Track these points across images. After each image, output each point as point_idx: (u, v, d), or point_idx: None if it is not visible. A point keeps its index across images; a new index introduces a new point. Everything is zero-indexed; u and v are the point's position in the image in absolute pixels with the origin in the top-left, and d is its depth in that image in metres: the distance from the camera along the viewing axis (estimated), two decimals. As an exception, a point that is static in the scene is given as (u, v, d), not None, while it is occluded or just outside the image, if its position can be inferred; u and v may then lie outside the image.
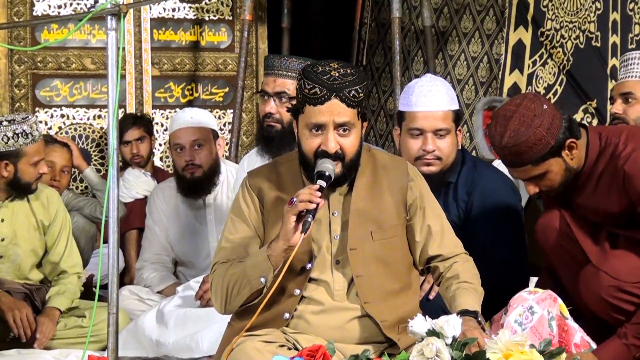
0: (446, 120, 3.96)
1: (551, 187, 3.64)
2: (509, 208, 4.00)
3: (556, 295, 3.47)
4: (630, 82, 4.66)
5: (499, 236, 3.94)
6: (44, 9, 7.08)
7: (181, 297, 4.70)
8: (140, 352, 4.59)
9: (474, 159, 4.13)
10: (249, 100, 7.42)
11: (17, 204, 4.83)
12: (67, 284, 4.84)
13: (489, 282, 3.85)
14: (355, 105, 3.24)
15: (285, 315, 3.30)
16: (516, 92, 6.64)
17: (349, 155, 3.25)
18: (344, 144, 3.24)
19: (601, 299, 3.58)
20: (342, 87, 3.20)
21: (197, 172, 5.30)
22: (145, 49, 7.24)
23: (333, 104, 3.20)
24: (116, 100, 3.61)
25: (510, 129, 3.52)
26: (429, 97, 3.96)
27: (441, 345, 2.95)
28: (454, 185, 4.03)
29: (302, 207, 3.11)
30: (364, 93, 3.25)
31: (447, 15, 7.43)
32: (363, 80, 3.25)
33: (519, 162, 3.56)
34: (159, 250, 5.46)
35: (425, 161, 3.96)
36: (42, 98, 7.10)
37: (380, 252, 3.32)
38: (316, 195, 3.12)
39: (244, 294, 3.25)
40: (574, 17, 6.35)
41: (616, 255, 3.62)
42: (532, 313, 3.38)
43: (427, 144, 3.95)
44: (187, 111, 5.39)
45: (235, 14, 7.40)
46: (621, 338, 3.51)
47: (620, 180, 3.57)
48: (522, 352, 2.98)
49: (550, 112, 3.53)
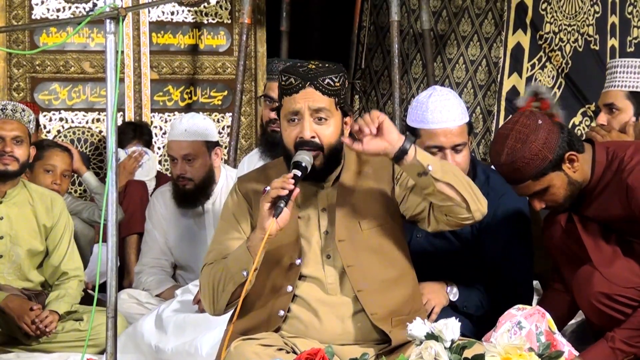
0: (462, 134, 3.90)
1: (556, 201, 3.65)
2: (520, 226, 3.95)
3: (544, 310, 3.48)
4: (612, 92, 4.63)
5: (509, 254, 3.91)
6: (43, 13, 7.09)
7: (179, 301, 4.69)
8: (138, 356, 4.58)
9: (485, 171, 4.05)
10: (247, 104, 7.42)
11: (19, 204, 4.84)
12: (67, 288, 4.84)
13: (496, 300, 3.86)
14: (331, 94, 3.25)
15: (280, 312, 3.31)
16: (515, 96, 6.64)
17: (327, 145, 3.25)
18: (321, 132, 3.25)
19: (590, 303, 3.59)
20: (316, 75, 3.24)
21: (188, 184, 5.31)
22: (144, 52, 7.25)
23: (308, 91, 3.24)
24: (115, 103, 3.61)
25: (508, 147, 3.56)
26: (444, 113, 3.87)
27: (440, 349, 2.95)
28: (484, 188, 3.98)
29: (274, 193, 3.14)
30: (340, 83, 3.26)
31: (445, 19, 7.43)
32: (340, 72, 3.28)
33: (519, 178, 3.59)
34: (158, 254, 5.46)
35: None
36: (40, 101, 7.11)
37: (370, 240, 3.32)
38: (289, 182, 3.14)
39: (229, 290, 3.27)
40: (573, 21, 6.36)
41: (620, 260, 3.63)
42: (520, 328, 3.38)
43: (446, 160, 3.82)
44: (184, 122, 5.34)
45: (234, 17, 7.40)
46: (608, 341, 3.52)
47: (624, 193, 3.58)
48: (521, 356, 2.98)
49: (546, 127, 3.56)
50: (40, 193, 4.93)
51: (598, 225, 3.69)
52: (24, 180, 4.95)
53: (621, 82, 4.62)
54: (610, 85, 4.68)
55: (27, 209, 4.86)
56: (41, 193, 4.94)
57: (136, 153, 6.32)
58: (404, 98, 7.08)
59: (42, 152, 5.41)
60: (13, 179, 4.82)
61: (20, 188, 4.87)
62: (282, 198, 3.13)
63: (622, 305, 3.55)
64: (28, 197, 4.88)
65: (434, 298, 3.87)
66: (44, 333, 4.65)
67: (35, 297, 4.84)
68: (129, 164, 6.27)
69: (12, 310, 4.65)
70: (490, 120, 6.95)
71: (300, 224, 3.34)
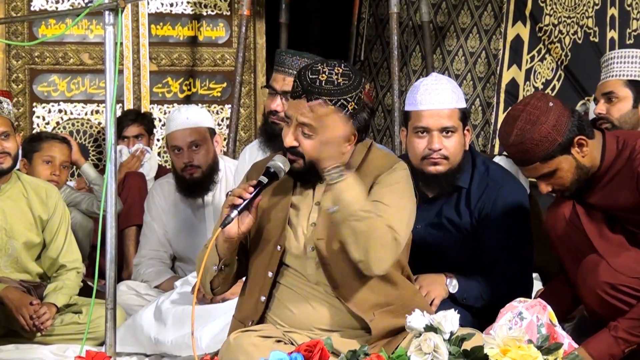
0: (452, 118, 3.89)
1: (563, 185, 3.65)
2: (519, 217, 3.94)
3: (545, 303, 3.48)
4: (611, 82, 4.66)
5: (508, 246, 3.91)
6: (42, 4, 7.08)
7: (179, 293, 4.69)
8: (138, 348, 4.58)
9: (485, 162, 4.05)
10: (246, 96, 7.42)
11: (13, 198, 4.83)
12: (65, 280, 4.83)
13: (496, 291, 3.86)
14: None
15: (262, 298, 3.36)
16: (514, 88, 6.64)
17: (307, 156, 3.29)
18: (303, 143, 3.28)
19: (595, 293, 3.59)
20: (311, 91, 3.24)
21: (196, 172, 5.29)
22: (143, 44, 7.24)
23: (301, 102, 3.26)
24: (114, 95, 3.61)
25: (517, 128, 3.54)
26: (433, 95, 3.89)
27: (439, 341, 2.95)
28: (467, 191, 3.96)
29: (230, 201, 3.23)
30: (337, 107, 3.24)
31: (445, 11, 7.43)
32: (342, 95, 3.25)
33: (527, 160, 3.58)
34: (157, 246, 5.46)
35: (432, 160, 3.88)
36: (39, 93, 7.10)
37: None
38: (248, 190, 3.22)
39: (207, 280, 3.40)
40: (572, 13, 6.35)
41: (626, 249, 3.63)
42: (522, 319, 3.39)
43: (433, 142, 3.87)
44: (183, 111, 5.35)
45: (233, 9, 7.40)
46: (611, 330, 3.52)
47: (634, 181, 3.58)
48: (520, 347, 2.98)
49: (557, 110, 3.55)
50: (34, 185, 4.92)
51: (602, 215, 3.69)
52: (17, 173, 4.93)
53: (619, 71, 4.63)
54: (608, 76, 4.69)
55: (22, 201, 4.84)
56: (35, 185, 4.92)
57: (138, 152, 6.31)
58: (403, 90, 7.06)
59: (40, 143, 5.41)
60: (7, 174, 4.81)
61: (14, 181, 4.85)
62: (236, 207, 3.21)
63: (627, 296, 3.55)
64: (22, 189, 4.87)
65: (433, 290, 3.86)
66: (39, 330, 4.65)
67: (34, 289, 4.83)
68: (132, 162, 6.26)
69: (11, 301, 4.65)
70: (489, 113, 6.95)
71: (291, 212, 3.36)
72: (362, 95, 3.29)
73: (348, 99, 3.26)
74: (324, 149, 3.22)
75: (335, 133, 3.24)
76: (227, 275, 3.40)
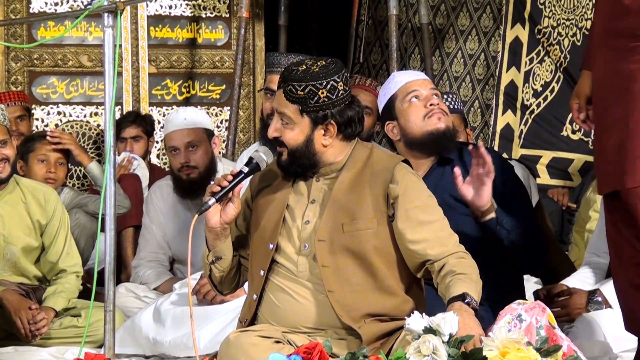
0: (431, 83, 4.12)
1: None
2: (515, 179, 4.03)
3: (545, 305, 3.47)
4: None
5: (509, 206, 3.90)
6: (41, 6, 7.08)
7: (178, 294, 4.70)
8: (137, 350, 4.58)
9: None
10: (245, 98, 7.42)
11: (11, 202, 4.82)
12: (64, 284, 4.82)
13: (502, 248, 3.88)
14: (294, 101, 3.27)
15: (254, 296, 3.38)
16: (513, 90, 6.65)
17: (290, 146, 3.31)
18: (284, 134, 3.31)
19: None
20: (286, 79, 3.28)
21: (193, 173, 5.30)
22: (142, 46, 7.24)
23: (280, 93, 3.32)
24: (113, 97, 3.61)
25: None
26: (412, 73, 4.10)
27: (438, 343, 2.95)
28: (459, 162, 3.97)
29: (209, 189, 3.30)
30: (306, 93, 3.25)
31: (444, 13, 7.43)
32: (311, 80, 3.25)
33: None
34: (156, 248, 5.46)
35: (436, 115, 3.95)
36: (38, 95, 7.10)
37: (349, 243, 3.28)
38: (227, 178, 3.29)
39: (206, 272, 3.45)
40: (571, 15, 6.36)
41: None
42: (521, 321, 3.38)
43: (430, 99, 3.96)
44: (181, 112, 5.37)
45: (232, 11, 7.40)
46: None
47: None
48: (519, 350, 2.98)
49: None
50: (32, 189, 4.89)
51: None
52: (16, 177, 4.90)
53: None
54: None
55: (20, 206, 4.82)
56: (33, 189, 4.90)
57: (124, 161, 6.27)
58: (402, 92, 7.07)
59: (34, 143, 5.40)
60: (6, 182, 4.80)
61: (12, 187, 4.82)
62: (214, 194, 3.28)
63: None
64: (20, 194, 4.84)
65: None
66: (34, 336, 4.64)
67: (32, 291, 4.83)
68: (120, 172, 6.20)
69: (10, 303, 4.64)
70: (488, 115, 6.95)
71: (287, 211, 3.36)
72: (339, 86, 3.27)
73: (317, 85, 3.25)
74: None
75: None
76: (225, 269, 3.41)
